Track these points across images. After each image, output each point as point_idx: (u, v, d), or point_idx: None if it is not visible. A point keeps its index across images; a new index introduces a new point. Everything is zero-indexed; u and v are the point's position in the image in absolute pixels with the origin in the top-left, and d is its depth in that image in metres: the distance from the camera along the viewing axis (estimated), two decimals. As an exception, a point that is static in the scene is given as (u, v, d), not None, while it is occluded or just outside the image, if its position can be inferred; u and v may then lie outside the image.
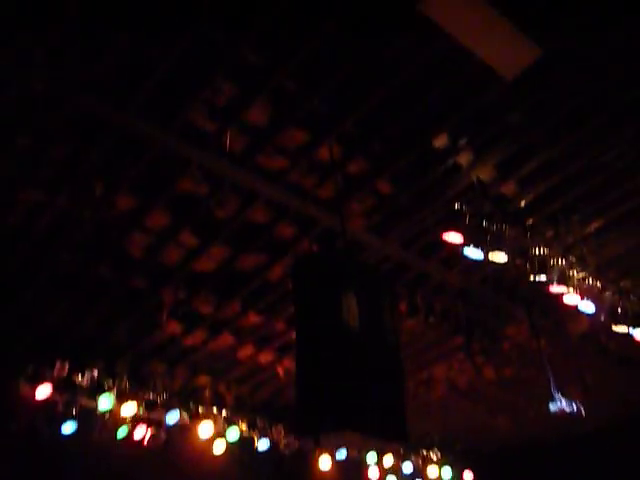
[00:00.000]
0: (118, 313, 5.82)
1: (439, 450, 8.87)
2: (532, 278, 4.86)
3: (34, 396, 5.70)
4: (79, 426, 5.95)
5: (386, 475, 8.46)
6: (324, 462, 7.68)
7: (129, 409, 6.33)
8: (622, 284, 5.83)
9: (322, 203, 4.83)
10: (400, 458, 8.43)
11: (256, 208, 4.78)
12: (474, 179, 4.72)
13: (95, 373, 6.25)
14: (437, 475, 8.72)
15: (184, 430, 6.74)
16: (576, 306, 5.08)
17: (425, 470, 8.69)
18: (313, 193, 4.74)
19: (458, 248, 4.69)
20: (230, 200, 4.72)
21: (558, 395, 6.13)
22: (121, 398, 6.32)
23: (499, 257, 4.66)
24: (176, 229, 4.87)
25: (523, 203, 4.97)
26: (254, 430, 7.32)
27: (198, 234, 5.01)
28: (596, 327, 5.87)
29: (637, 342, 5.80)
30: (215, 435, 6.91)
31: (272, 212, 4.87)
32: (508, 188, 4.87)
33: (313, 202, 4.80)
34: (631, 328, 5.77)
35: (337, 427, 2.76)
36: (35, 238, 4.83)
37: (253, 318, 6.16)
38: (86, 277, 5.26)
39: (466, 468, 8.97)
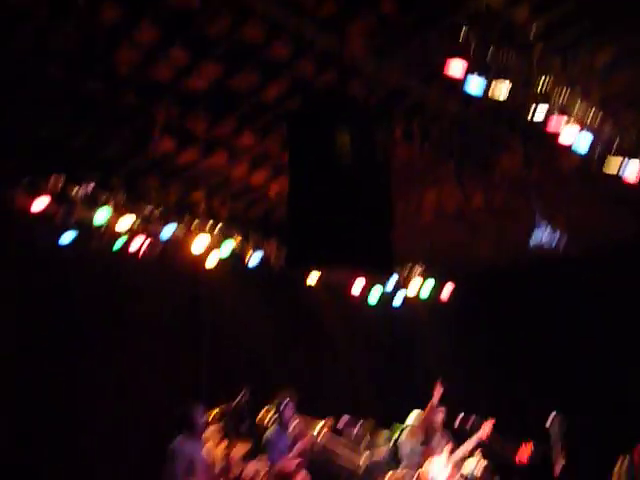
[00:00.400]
0: (110, 128, 5.74)
1: (422, 266, 9.35)
2: (532, 113, 4.76)
3: (31, 208, 5.77)
4: (77, 238, 6.12)
5: (372, 286, 9.00)
6: (312, 277, 8.10)
7: (126, 222, 6.49)
8: (623, 116, 5.75)
9: (321, 22, 4.55)
10: (384, 274, 8.91)
11: (250, 25, 4.51)
12: (484, 3, 4.42)
13: (90, 186, 6.31)
14: (419, 286, 9.28)
15: (179, 243, 6.99)
16: (570, 146, 5.05)
17: (407, 284, 9.24)
18: (312, 10, 4.45)
19: (460, 78, 4.52)
20: (223, 15, 4.44)
21: (542, 225, 6.32)
22: (117, 211, 6.46)
23: (500, 92, 4.52)
24: (166, 44, 4.64)
25: (533, 30, 4.71)
26: (247, 243, 7.61)
27: (189, 50, 4.77)
28: (589, 162, 5.88)
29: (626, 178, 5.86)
30: (209, 248, 7.19)
31: (267, 30, 4.60)
32: (519, 14, 4.58)
33: (311, 20, 4.52)
34: (626, 159, 5.80)
35: (327, 261, 2.88)
36: (20, 47, 4.60)
37: (247, 137, 6.11)
38: (75, 91, 5.10)
39: (447, 284, 9.51)
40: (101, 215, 6.27)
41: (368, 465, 6.67)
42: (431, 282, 9.33)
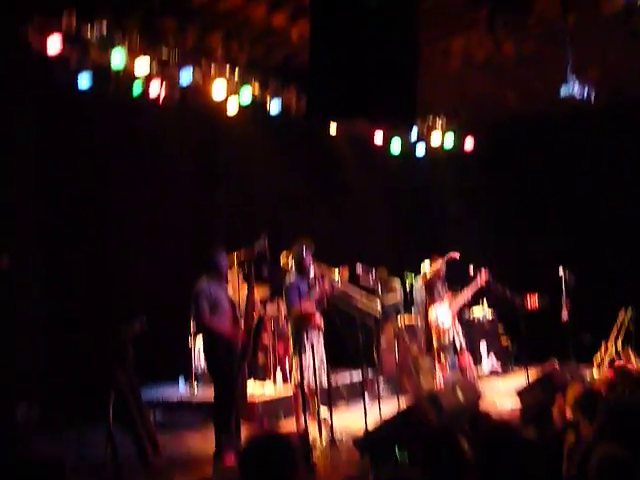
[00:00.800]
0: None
1: (445, 117, 9.13)
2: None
3: (45, 48, 5.57)
4: (94, 82, 5.97)
5: (391, 137, 8.89)
6: (333, 125, 7.95)
7: (142, 65, 6.30)
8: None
9: None
10: (406, 124, 8.73)
11: None
12: None
13: (104, 26, 6.05)
14: (440, 141, 9.15)
15: (198, 89, 6.82)
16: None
17: (429, 135, 9.09)
18: None
19: None
20: None
21: (573, 77, 6.06)
22: (133, 54, 6.24)
23: None
24: None
25: None
26: (266, 91, 7.41)
27: None
28: (631, 7, 5.50)
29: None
30: (228, 95, 7.02)
31: None
32: None
33: None
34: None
35: (348, 112, 2.80)
36: None
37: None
38: None
39: (469, 135, 9.33)
40: (117, 58, 6.06)
41: (382, 309, 7.01)
42: (453, 133, 9.18)
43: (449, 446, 3.15)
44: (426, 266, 7.40)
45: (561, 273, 7.19)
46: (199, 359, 6.75)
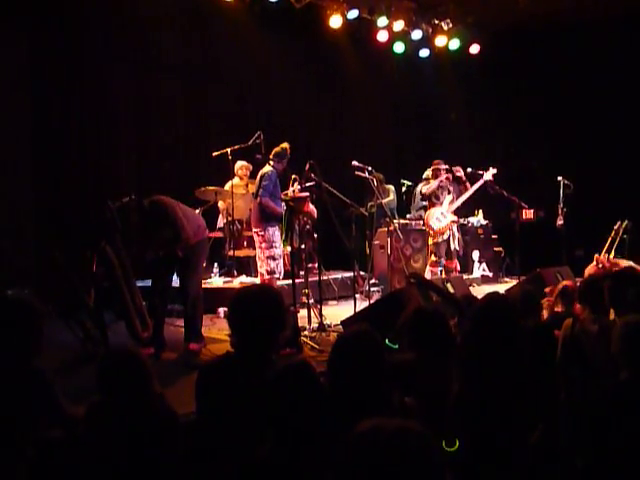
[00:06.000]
0: None
1: (451, 21, 8.72)
2: None
3: None
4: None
5: (394, 40, 8.55)
6: (335, 20, 7.63)
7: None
8: None
9: None
10: (410, 25, 8.37)
11: None
12: None
13: None
14: (444, 44, 8.79)
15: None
16: None
17: (434, 39, 8.73)
18: None
19: None
20: None
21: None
22: None
23: None
24: None
25: None
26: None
27: None
28: None
29: None
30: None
31: None
32: None
33: None
34: None
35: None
36: None
37: None
38: None
39: (475, 42, 8.95)
40: None
41: (377, 207, 6.95)
42: (460, 37, 8.80)
43: (435, 322, 3.12)
44: (428, 173, 7.39)
45: (559, 179, 7.16)
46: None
